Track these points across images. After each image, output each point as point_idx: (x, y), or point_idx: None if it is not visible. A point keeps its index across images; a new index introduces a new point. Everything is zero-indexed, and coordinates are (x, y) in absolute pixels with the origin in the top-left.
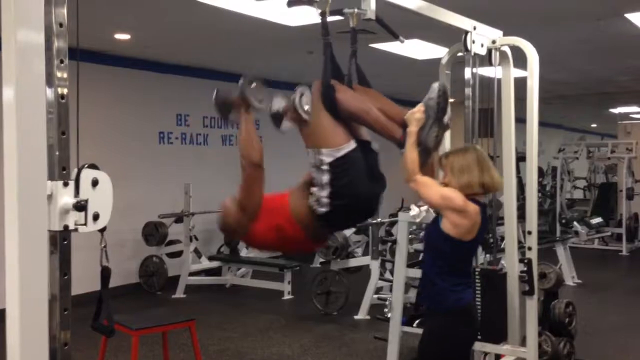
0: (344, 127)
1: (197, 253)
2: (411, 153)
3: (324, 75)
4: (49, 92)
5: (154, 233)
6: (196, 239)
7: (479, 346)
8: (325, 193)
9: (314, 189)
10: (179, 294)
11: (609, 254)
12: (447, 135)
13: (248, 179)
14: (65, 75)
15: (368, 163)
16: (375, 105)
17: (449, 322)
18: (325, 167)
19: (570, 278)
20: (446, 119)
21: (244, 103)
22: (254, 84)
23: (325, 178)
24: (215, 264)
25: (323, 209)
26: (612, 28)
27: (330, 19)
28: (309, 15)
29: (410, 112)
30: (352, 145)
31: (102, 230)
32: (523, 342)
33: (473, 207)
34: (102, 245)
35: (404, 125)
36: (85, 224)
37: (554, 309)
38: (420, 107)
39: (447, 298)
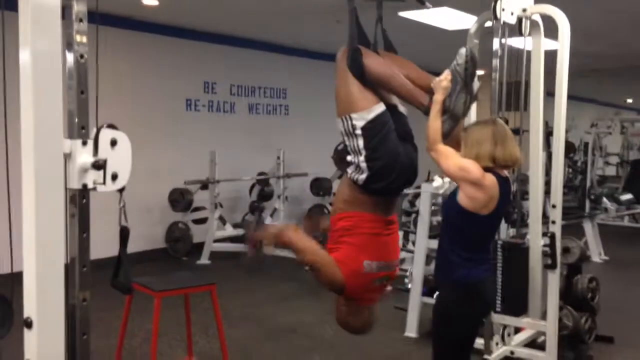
0: (371, 91)
1: (222, 220)
2: (434, 122)
3: (350, 41)
4: (68, 53)
5: (179, 199)
6: (221, 206)
7: (498, 318)
8: (362, 158)
9: (349, 157)
10: (204, 260)
11: (638, 232)
12: (474, 108)
13: (298, 244)
14: (84, 38)
15: (398, 125)
16: (402, 71)
17: (455, 296)
18: (358, 132)
19: (597, 254)
20: (475, 87)
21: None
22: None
23: (360, 143)
24: (239, 231)
25: (364, 175)
26: None
27: None
28: None
29: (437, 79)
30: (382, 107)
31: (120, 190)
32: (544, 316)
33: (491, 180)
34: (121, 205)
35: (430, 92)
36: (104, 183)
37: (577, 284)
38: (446, 74)
39: (455, 272)
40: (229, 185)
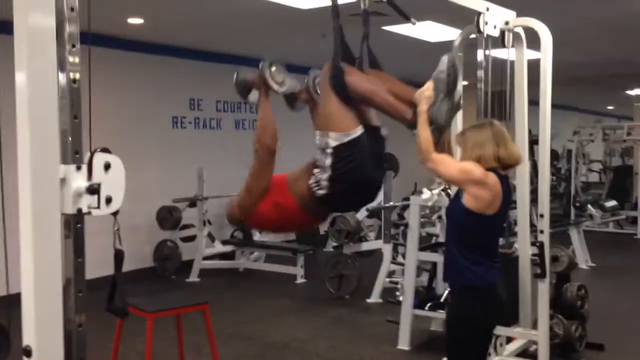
0: (353, 112)
1: (211, 237)
2: (424, 132)
3: (334, 58)
4: (61, 77)
5: (167, 217)
6: (210, 223)
7: None
8: (325, 176)
9: (316, 170)
10: (193, 277)
11: (623, 238)
12: (460, 117)
13: (259, 162)
14: (77, 60)
15: (373, 149)
16: (385, 86)
17: (469, 301)
18: (329, 151)
19: (584, 261)
20: (457, 95)
21: (264, 85)
22: (274, 67)
23: (328, 161)
24: (228, 248)
25: (322, 192)
26: (629, 7)
27: (342, 1)
28: None
29: (419, 90)
30: (359, 131)
31: (115, 214)
32: (535, 325)
33: (493, 178)
34: (115, 228)
35: (414, 106)
36: (98, 207)
37: (566, 292)
38: (429, 85)
39: (464, 275)
40: (217, 202)
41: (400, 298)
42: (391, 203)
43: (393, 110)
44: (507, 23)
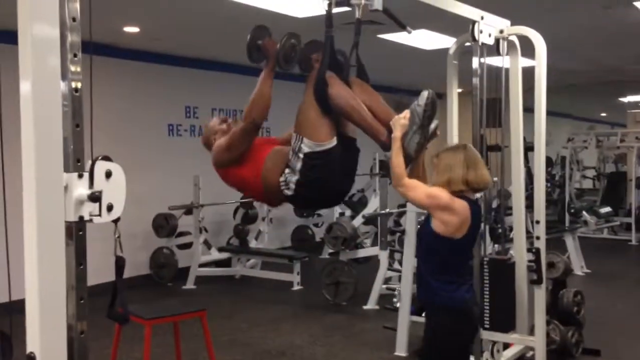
0: (331, 122)
1: (207, 244)
2: (397, 158)
3: (320, 68)
4: (63, 86)
5: (164, 225)
6: (206, 230)
7: (487, 335)
8: (294, 179)
9: (287, 170)
10: (190, 285)
11: (618, 244)
12: (455, 125)
13: (242, 131)
14: (78, 69)
15: (345, 161)
16: (366, 102)
17: (443, 321)
18: (301, 155)
19: (579, 268)
20: (433, 126)
21: (273, 58)
22: (292, 40)
23: (299, 165)
24: (224, 255)
25: (289, 192)
26: (621, 16)
27: (336, 10)
28: (316, 7)
29: (396, 117)
30: (333, 142)
31: (116, 221)
32: (531, 331)
33: (460, 204)
34: (116, 236)
35: (389, 128)
36: (99, 215)
37: (563, 298)
38: (405, 113)
39: (439, 296)
40: (213, 210)
41: (397, 304)
42: (387, 210)
43: (370, 129)
44: (501, 31)
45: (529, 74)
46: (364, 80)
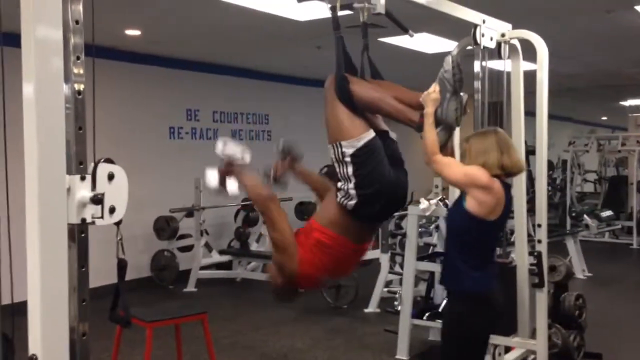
0: (361, 117)
1: (208, 247)
2: (430, 134)
3: (338, 69)
4: (66, 88)
5: (165, 227)
6: (207, 233)
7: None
8: (351, 185)
9: (339, 184)
10: (190, 287)
11: (619, 247)
12: (457, 128)
13: (270, 214)
14: (81, 71)
15: (389, 151)
16: (390, 93)
17: (466, 307)
18: (347, 159)
19: (581, 271)
20: (464, 99)
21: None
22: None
23: (350, 170)
24: (225, 258)
25: (352, 202)
26: (622, 20)
27: (340, 13)
28: (317, 10)
29: (425, 93)
30: (371, 134)
31: (118, 224)
32: (533, 335)
33: (498, 184)
34: (118, 238)
35: (420, 109)
36: (102, 217)
37: (564, 302)
38: (434, 87)
39: (464, 281)
40: (214, 212)
41: (399, 308)
42: None
43: (400, 114)
44: (503, 35)
45: (530, 78)
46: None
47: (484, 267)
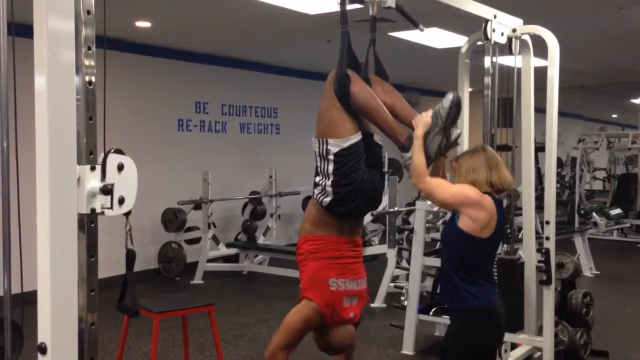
0: (352, 117)
1: (215, 240)
2: (418, 156)
3: (340, 66)
4: (77, 79)
5: (172, 219)
6: (214, 225)
7: None
8: (329, 182)
9: (317, 178)
10: (197, 280)
11: (627, 246)
12: (465, 124)
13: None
14: (92, 63)
15: (372, 153)
16: (387, 101)
17: (468, 323)
18: (330, 157)
19: (588, 269)
20: (454, 135)
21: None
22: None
23: (330, 168)
24: (233, 250)
25: (328, 198)
26: (635, 16)
27: (349, 7)
28: (327, 4)
29: (419, 115)
30: (358, 136)
31: (127, 214)
32: (540, 332)
33: (489, 200)
34: (127, 229)
35: (411, 127)
36: (111, 208)
37: (571, 299)
38: (429, 113)
39: (464, 297)
40: (221, 205)
41: (405, 303)
42: (396, 208)
43: (390, 130)
44: (514, 30)
45: (540, 74)
46: (383, 78)
47: (483, 282)
